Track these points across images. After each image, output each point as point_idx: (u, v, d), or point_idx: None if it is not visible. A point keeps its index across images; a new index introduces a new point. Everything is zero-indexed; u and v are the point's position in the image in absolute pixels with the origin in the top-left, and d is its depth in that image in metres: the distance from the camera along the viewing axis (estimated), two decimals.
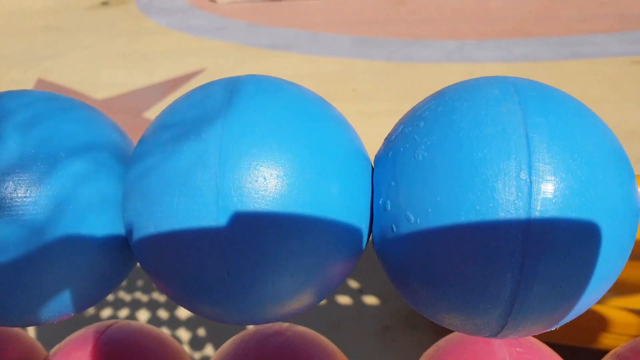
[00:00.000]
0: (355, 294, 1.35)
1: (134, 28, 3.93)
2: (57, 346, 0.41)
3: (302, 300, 0.26)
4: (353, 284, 1.38)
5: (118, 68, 3.15)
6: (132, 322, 0.41)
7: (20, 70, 3.16)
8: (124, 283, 1.43)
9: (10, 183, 0.24)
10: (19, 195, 0.24)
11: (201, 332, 1.30)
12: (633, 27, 3.11)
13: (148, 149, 0.25)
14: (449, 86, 0.26)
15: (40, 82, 2.97)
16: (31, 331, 1.26)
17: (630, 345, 0.35)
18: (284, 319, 0.28)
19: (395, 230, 0.24)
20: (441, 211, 0.22)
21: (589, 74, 2.54)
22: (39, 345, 0.44)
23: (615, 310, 0.85)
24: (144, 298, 1.41)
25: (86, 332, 0.40)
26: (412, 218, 0.23)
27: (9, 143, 0.24)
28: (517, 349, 0.33)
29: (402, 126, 0.26)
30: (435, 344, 0.37)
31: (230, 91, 0.25)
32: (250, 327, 0.40)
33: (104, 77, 2.99)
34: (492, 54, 2.91)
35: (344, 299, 1.34)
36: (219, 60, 3.15)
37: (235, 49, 3.26)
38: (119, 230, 0.27)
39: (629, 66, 2.59)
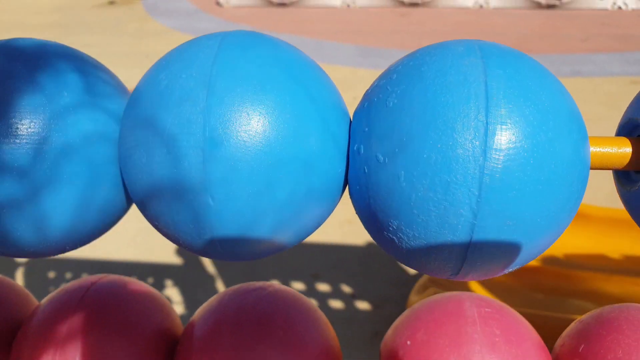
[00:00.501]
0: (348, 299, 1.36)
1: (139, 28, 3.98)
2: (48, 296, 0.42)
3: (280, 237, 0.28)
4: (346, 288, 1.40)
5: (121, 67, 3.18)
6: (121, 276, 0.43)
7: None
8: (119, 256, 1.45)
9: (17, 113, 0.27)
10: (24, 124, 0.27)
11: (189, 292, 1.32)
12: (633, 48, 3.15)
13: (144, 87, 0.28)
14: (422, 47, 0.28)
15: None
16: (23, 282, 1.28)
17: (591, 314, 0.37)
18: (264, 254, 0.30)
19: (367, 170, 0.26)
20: (406, 150, 0.24)
21: (589, 92, 2.58)
22: (30, 295, 0.46)
23: None
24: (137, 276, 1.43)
25: (77, 284, 0.41)
26: (381, 158, 0.25)
27: (18, 78, 0.27)
28: (486, 309, 0.35)
29: (377, 80, 0.28)
30: (410, 307, 0.39)
31: (220, 40, 0.27)
32: (236, 285, 0.42)
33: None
34: None
35: (336, 303, 1.36)
36: None
37: None
38: (115, 163, 0.29)
39: (628, 86, 2.62)
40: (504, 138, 0.24)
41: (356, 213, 0.29)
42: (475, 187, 0.24)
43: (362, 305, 1.35)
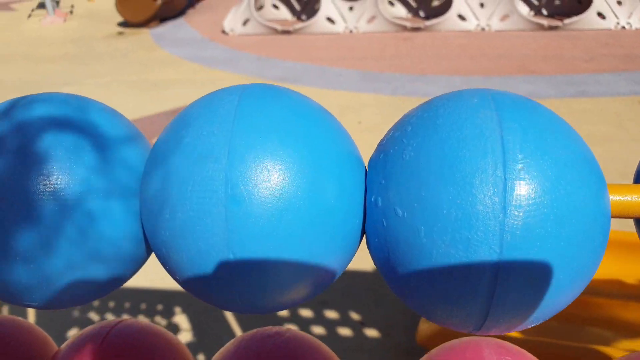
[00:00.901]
0: (357, 327, 1.35)
1: (147, 58, 4.04)
2: (67, 341, 0.43)
3: (300, 290, 0.28)
4: (354, 316, 1.38)
5: (130, 95, 3.23)
6: (139, 320, 0.43)
7: None
8: (129, 284, 1.44)
9: (43, 171, 0.27)
10: (46, 179, 0.27)
11: (204, 337, 1.31)
12: (638, 68, 3.16)
13: (166, 143, 0.28)
14: (435, 97, 0.29)
15: None
16: (42, 326, 1.27)
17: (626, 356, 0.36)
18: (283, 307, 0.30)
19: (385, 224, 0.26)
20: (425, 205, 0.24)
21: (595, 112, 2.58)
22: (50, 339, 0.46)
23: (623, 354, 0.85)
24: (146, 303, 1.42)
25: (95, 329, 0.41)
26: (400, 212, 0.25)
27: (42, 135, 0.27)
28: (506, 358, 0.34)
29: (392, 131, 0.28)
30: (427, 354, 0.39)
31: (240, 95, 0.28)
32: (252, 330, 0.42)
33: (116, 103, 3.07)
34: None
35: (344, 331, 1.34)
36: None
37: (244, 81, 3.34)
38: (136, 218, 0.30)
39: (635, 105, 2.62)
40: (523, 194, 0.24)
41: (375, 264, 0.29)
42: (496, 244, 0.24)
43: (371, 333, 1.33)
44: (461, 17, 4.07)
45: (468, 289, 0.25)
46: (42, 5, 5.80)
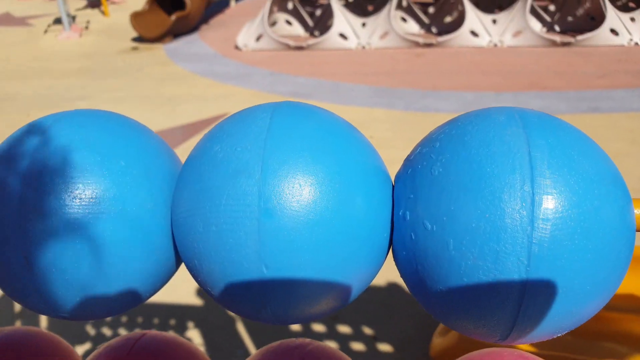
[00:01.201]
0: (369, 341, 1.34)
1: (161, 72, 4.10)
2: (92, 354, 0.43)
3: (328, 302, 0.29)
4: (367, 330, 1.38)
5: (144, 110, 3.27)
6: (163, 332, 0.44)
7: (55, 109, 3.31)
8: (154, 298, 1.45)
9: (77, 184, 0.28)
10: (84, 195, 0.28)
11: (217, 351, 1.31)
12: None
13: (199, 158, 0.29)
14: (462, 114, 0.29)
15: None
16: (68, 339, 1.28)
17: None
18: (310, 318, 0.30)
19: (414, 237, 0.27)
20: (455, 219, 0.25)
21: (609, 128, 2.57)
22: (75, 352, 0.47)
23: None
24: (159, 318, 1.43)
25: (120, 341, 0.42)
26: (429, 226, 0.26)
27: (78, 146, 0.29)
28: None
29: (419, 147, 0.29)
30: None
31: (272, 112, 0.29)
32: (275, 342, 0.42)
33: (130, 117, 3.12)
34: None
35: (357, 345, 1.34)
36: (241, 107, 3.25)
37: (256, 96, 3.37)
38: (167, 232, 0.31)
39: None
40: (550, 208, 0.24)
41: (401, 277, 0.30)
42: (524, 256, 0.24)
43: (384, 347, 1.32)
44: (474, 33, 4.08)
45: (496, 301, 0.25)
46: (58, 21, 5.92)
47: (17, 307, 1.45)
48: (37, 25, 6.23)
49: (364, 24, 4.34)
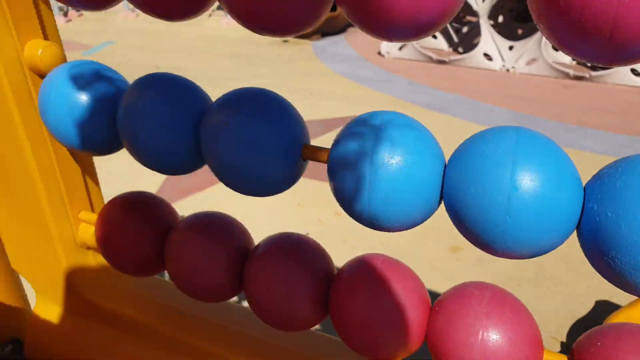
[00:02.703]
0: None
1: (307, 67, 4.33)
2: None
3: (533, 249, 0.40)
4: None
5: (289, 100, 3.48)
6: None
7: (209, 86, 3.66)
8: None
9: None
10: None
11: None
12: None
13: (464, 153, 0.40)
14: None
15: None
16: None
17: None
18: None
19: (598, 220, 0.36)
20: (629, 212, 0.33)
21: None
22: (250, 234, 0.61)
23: None
24: None
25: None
26: (609, 214, 0.35)
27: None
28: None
29: (606, 169, 0.37)
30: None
31: (517, 133, 0.39)
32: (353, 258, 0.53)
33: None
34: None
35: None
36: (378, 109, 3.34)
37: (392, 102, 3.43)
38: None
39: None
40: None
41: (582, 249, 0.38)
42: None
43: None
44: (634, 72, 3.82)
45: None
46: (221, 7, 6.47)
47: None
48: None
49: (511, 47, 4.24)
